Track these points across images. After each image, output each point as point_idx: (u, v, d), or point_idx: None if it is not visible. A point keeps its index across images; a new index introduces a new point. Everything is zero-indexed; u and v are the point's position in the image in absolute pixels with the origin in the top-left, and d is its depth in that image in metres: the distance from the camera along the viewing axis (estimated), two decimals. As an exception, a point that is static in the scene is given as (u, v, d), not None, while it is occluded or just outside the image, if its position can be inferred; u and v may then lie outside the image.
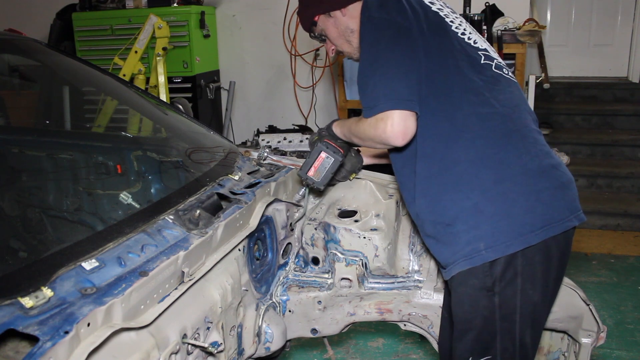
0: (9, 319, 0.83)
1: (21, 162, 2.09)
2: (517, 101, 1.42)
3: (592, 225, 4.21)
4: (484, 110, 1.34)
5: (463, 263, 1.32)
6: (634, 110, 4.86)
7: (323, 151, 1.62)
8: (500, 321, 1.33)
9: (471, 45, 1.42)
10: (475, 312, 1.34)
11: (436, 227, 1.38)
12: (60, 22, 4.83)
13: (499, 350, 1.35)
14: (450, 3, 1.56)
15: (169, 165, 2.00)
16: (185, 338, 1.14)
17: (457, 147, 1.33)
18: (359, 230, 1.69)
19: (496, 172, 1.31)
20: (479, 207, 1.31)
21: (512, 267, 1.30)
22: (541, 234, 1.29)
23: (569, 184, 1.37)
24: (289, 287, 1.75)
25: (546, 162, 1.35)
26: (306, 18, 1.60)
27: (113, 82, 2.12)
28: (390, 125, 1.29)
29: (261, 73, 5.10)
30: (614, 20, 5.45)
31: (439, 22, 1.40)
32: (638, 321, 2.94)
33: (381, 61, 1.33)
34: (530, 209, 1.30)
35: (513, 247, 1.28)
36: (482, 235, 1.30)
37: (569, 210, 1.34)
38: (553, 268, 1.35)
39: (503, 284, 1.31)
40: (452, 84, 1.35)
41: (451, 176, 1.34)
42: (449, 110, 1.35)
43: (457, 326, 1.40)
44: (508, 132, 1.35)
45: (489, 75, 1.40)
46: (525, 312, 1.33)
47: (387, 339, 2.83)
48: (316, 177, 1.62)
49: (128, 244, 1.13)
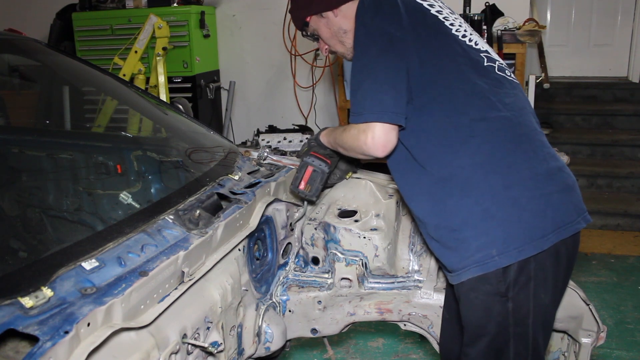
0: (9, 318, 0.83)
1: (21, 162, 2.09)
2: (522, 104, 1.41)
3: (592, 225, 4.21)
4: (491, 115, 1.33)
5: (475, 269, 1.30)
6: (634, 110, 4.86)
7: (310, 165, 1.66)
8: (513, 326, 1.32)
9: (473, 47, 1.40)
10: (489, 317, 1.33)
11: (439, 231, 1.37)
12: (60, 22, 4.83)
13: (512, 354, 1.34)
14: (450, 3, 1.55)
15: (169, 165, 2.00)
16: (185, 338, 1.14)
17: (464, 152, 1.32)
18: (359, 230, 1.69)
19: (505, 176, 1.30)
20: (490, 213, 1.29)
21: (525, 272, 1.29)
22: (552, 238, 1.28)
23: (574, 185, 1.36)
24: (289, 287, 1.75)
25: (553, 165, 1.34)
26: (298, 18, 1.59)
27: (113, 82, 2.12)
28: (371, 138, 1.31)
29: (261, 73, 5.09)
30: (614, 20, 5.45)
31: (438, 26, 1.38)
32: (638, 321, 2.93)
33: (371, 70, 1.33)
34: (541, 213, 1.29)
35: (525, 253, 1.27)
36: (494, 241, 1.29)
37: (577, 213, 1.33)
38: (562, 270, 1.35)
39: (517, 290, 1.30)
40: (455, 89, 1.34)
41: (458, 181, 1.32)
42: (454, 116, 1.33)
43: (469, 332, 1.38)
44: (516, 135, 1.33)
45: (492, 77, 1.38)
46: (537, 315, 1.33)
47: (387, 339, 2.83)
48: (307, 190, 1.66)
49: (128, 244, 1.13)
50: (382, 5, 1.36)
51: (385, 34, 1.33)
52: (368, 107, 1.31)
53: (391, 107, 1.30)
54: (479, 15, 3.92)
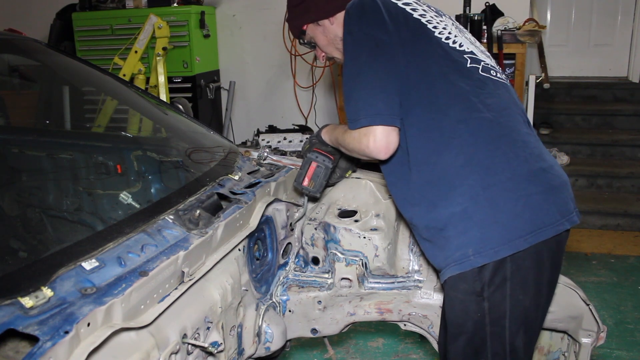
0: (9, 318, 0.83)
1: (21, 162, 2.09)
2: (505, 104, 1.41)
3: (592, 225, 4.21)
4: (471, 116, 1.34)
5: (454, 268, 1.33)
6: (634, 110, 4.86)
7: (313, 161, 1.67)
8: (490, 325, 1.33)
9: (456, 49, 1.41)
10: (466, 316, 1.35)
11: (430, 231, 1.39)
12: (60, 22, 4.83)
13: (490, 354, 1.36)
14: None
15: (169, 165, 2.00)
16: (185, 338, 1.14)
17: (447, 154, 1.34)
18: (359, 230, 1.69)
19: (484, 177, 1.31)
20: (468, 213, 1.31)
21: (500, 273, 1.30)
22: (530, 239, 1.29)
23: (561, 186, 1.36)
24: (289, 287, 1.75)
25: (536, 166, 1.34)
26: (295, 27, 1.61)
27: (113, 82, 2.12)
28: (372, 141, 1.33)
29: (261, 73, 5.10)
30: (614, 20, 5.45)
31: (420, 30, 1.40)
32: (638, 321, 2.94)
33: (361, 76, 1.35)
34: (519, 215, 1.30)
35: (501, 253, 1.28)
36: (471, 240, 1.30)
37: (560, 214, 1.33)
38: (546, 272, 1.35)
39: (492, 289, 1.31)
40: (437, 92, 1.36)
41: (444, 183, 1.34)
42: (437, 118, 1.35)
43: (450, 329, 1.40)
44: (496, 137, 1.34)
45: (475, 79, 1.39)
46: (515, 317, 1.33)
47: (387, 339, 2.83)
48: (311, 186, 1.67)
49: (128, 244, 1.13)
50: (365, 12, 1.38)
51: (372, 39, 1.36)
52: (363, 113, 1.33)
53: (384, 110, 1.32)
54: (479, 15, 3.92)
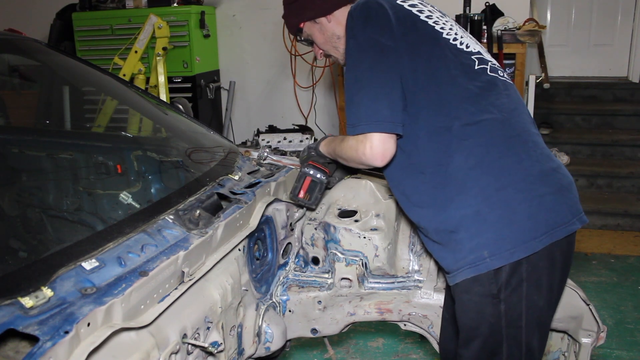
0: (9, 318, 0.83)
1: (21, 162, 2.09)
2: (514, 104, 1.41)
3: (592, 225, 4.21)
4: (482, 118, 1.34)
5: (467, 271, 1.31)
6: (634, 110, 4.86)
7: (308, 175, 1.67)
8: (506, 328, 1.33)
9: (464, 50, 1.41)
10: (481, 319, 1.33)
11: (440, 234, 1.37)
12: (60, 22, 4.82)
13: (506, 356, 1.35)
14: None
15: (169, 165, 2.00)
16: (185, 338, 1.14)
17: (458, 157, 1.33)
18: (359, 230, 1.69)
19: (497, 179, 1.31)
20: (481, 215, 1.30)
21: (517, 274, 1.29)
22: (545, 240, 1.28)
23: (569, 186, 1.36)
24: (289, 287, 1.75)
25: (547, 166, 1.34)
26: (291, 24, 1.60)
27: (113, 82, 2.12)
28: (369, 148, 1.32)
29: (261, 73, 5.09)
30: (614, 20, 5.45)
31: (429, 32, 1.39)
32: (638, 321, 2.94)
33: (364, 82, 1.34)
34: (533, 215, 1.29)
35: (517, 255, 1.27)
36: (486, 243, 1.29)
37: (571, 214, 1.33)
38: (557, 272, 1.35)
39: (508, 291, 1.30)
40: (447, 95, 1.35)
41: (454, 185, 1.33)
42: (447, 122, 1.34)
43: (463, 333, 1.39)
44: (508, 137, 1.34)
45: (484, 80, 1.38)
46: (531, 317, 1.33)
47: (387, 339, 2.83)
48: (307, 199, 1.68)
49: (128, 243, 1.13)
50: (371, 16, 1.37)
51: (376, 45, 1.34)
52: (363, 118, 1.32)
53: (387, 117, 1.31)
54: (479, 15, 3.92)
